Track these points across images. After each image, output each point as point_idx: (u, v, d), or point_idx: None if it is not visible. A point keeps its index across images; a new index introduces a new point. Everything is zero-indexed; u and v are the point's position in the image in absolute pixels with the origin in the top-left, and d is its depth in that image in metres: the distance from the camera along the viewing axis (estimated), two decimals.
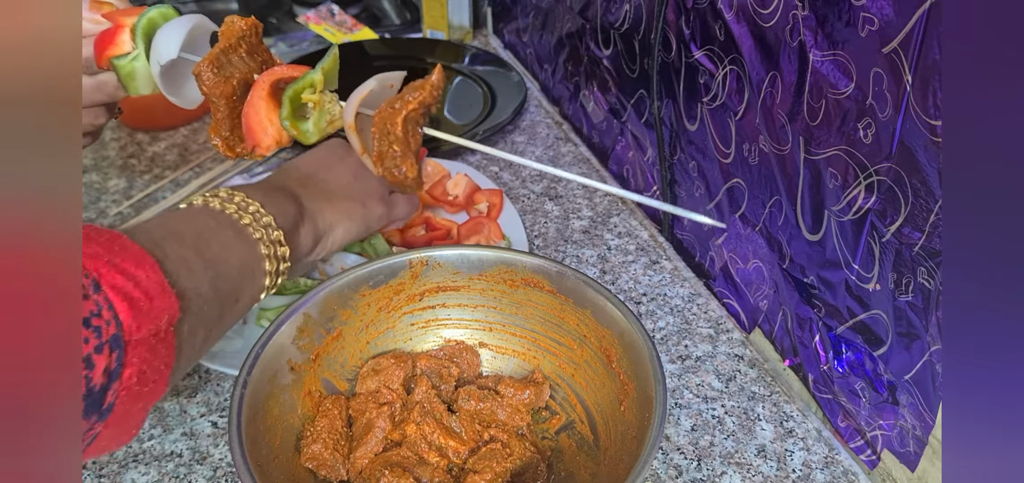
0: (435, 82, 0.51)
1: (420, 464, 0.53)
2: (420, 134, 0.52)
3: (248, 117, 0.54)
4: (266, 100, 0.53)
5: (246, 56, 0.55)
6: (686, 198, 0.80)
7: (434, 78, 0.51)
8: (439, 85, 0.52)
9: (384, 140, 0.50)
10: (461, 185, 0.85)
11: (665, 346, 0.71)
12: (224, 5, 1.39)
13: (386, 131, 0.50)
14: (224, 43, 0.54)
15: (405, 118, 0.50)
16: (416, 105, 0.50)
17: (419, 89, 0.51)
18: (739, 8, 0.63)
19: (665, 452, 0.61)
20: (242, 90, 0.55)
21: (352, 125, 0.52)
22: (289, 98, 0.53)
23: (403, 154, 0.50)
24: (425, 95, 0.50)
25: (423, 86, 0.51)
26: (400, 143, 0.50)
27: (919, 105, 0.48)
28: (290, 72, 0.54)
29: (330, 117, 0.54)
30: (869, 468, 0.61)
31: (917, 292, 0.52)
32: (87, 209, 0.88)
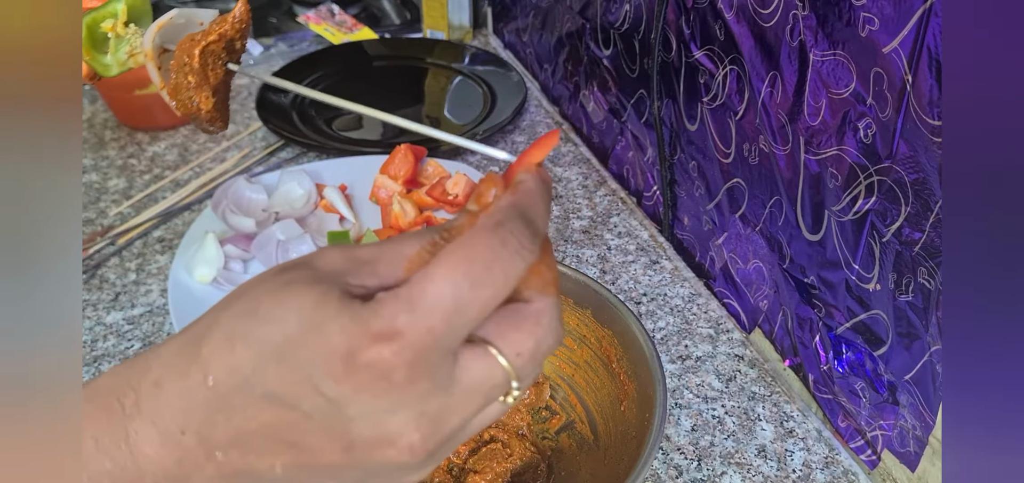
0: (238, 16, 0.50)
1: None
2: (221, 70, 0.50)
3: None
4: None
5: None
6: (686, 198, 0.80)
7: (236, 11, 0.50)
8: (243, 19, 0.50)
9: (181, 72, 0.49)
10: (461, 185, 0.85)
11: (665, 346, 0.71)
12: (224, 4, 1.39)
13: (183, 62, 0.49)
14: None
15: (204, 49, 0.48)
16: (216, 37, 0.49)
17: (221, 22, 0.50)
18: (739, 8, 0.63)
19: (665, 452, 0.61)
20: None
21: (150, 54, 0.50)
22: (86, 25, 0.51)
23: (197, 85, 0.49)
24: (227, 27, 0.49)
25: (225, 19, 0.50)
26: (195, 74, 0.48)
27: (919, 105, 0.48)
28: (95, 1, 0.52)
29: (131, 49, 0.52)
30: (869, 468, 0.61)
31: (917, 292, 0.52)
32: (87, 209, 0.88)
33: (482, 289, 0.26)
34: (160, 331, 0.72)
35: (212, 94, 0.49)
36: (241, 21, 0.50)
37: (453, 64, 1.18)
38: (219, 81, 0.50)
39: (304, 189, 0.84)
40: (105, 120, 1.05)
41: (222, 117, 0.51)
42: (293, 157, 0.98)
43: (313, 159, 0.97)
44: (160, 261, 0.80)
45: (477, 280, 0.26)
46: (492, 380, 0.27)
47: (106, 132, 1.02)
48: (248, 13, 0.51)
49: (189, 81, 0.48)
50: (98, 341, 0.71)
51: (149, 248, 0.82)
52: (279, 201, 0.84)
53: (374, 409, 0.26)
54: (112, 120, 1.04)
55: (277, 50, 1.23)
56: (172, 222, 0.86)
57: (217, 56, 0.49)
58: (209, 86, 0.49)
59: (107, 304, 0.75)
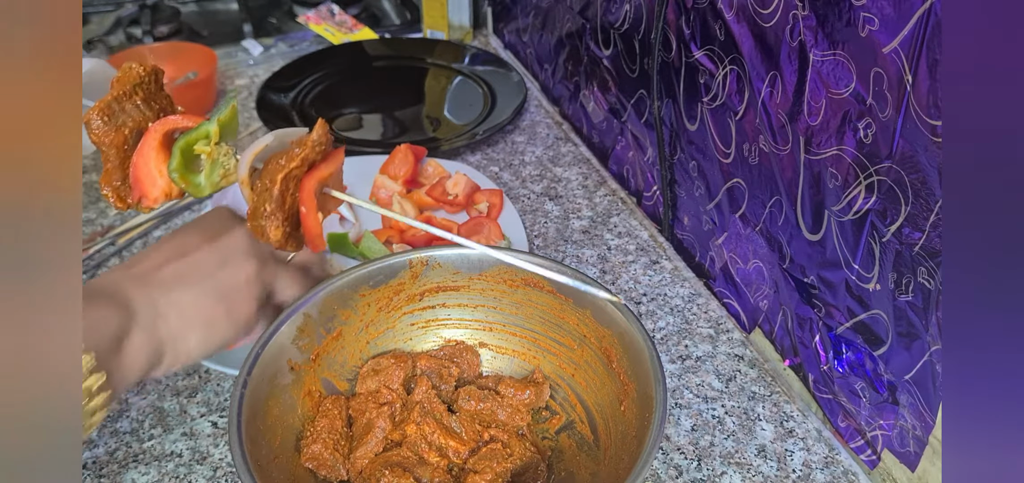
0: (315, 139, 0.50)
1: (420, 464, 0.53)
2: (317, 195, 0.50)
3: (136, 167, 0.51)
4: (157, 150, 0.51)
5: (142, 104, 0.53)
6: (686, 198, 0.80)
7: (314, 135, 0.50)
8: (321, 141, 0.50)
9: (261, 196, 0.49)
10: (461, 185, 0.85)
11: (665, 346, 0.71)
12: (224, 5, 1.39)
13: (265, 187, 0.49)
14: (117, 91, 0.52)
15: (286, 176, 0.49)
16: (298, 162, 0.49)
17: (302, 145, 0.50)
18: (739, 8, 0.63)
19: (665, 452, 0.61)
20: (135, 139, 0.52)
21: (246, 180, 0.51)
22: (180, 149, 0.51)
23: (272, 213, 0.49)
24: (308, 151, 0.50)
25: (305, 142, 0.50)
26: (273, 201, 0.49)
27: (919, 105, 0.48)
28: (186, 122, 0.52)
29: (224, 171, 0.53)
30: (869, 468, 0.61)
31: (917, 292, 0.52)
32: (87, 209, 0.88)
33: None
34: None
35: (284, 222, 0.50)
36: (320, 142, 0.50)
37: (453, 64, 1.18)
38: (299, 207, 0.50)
39: None
40: None
41: (295, 241, 0.51)
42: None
43: None
44: None
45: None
46: None
47: None
48: (326, 133, 0.51)
49: (265, 208, 0.49)
50: None
51: None
52: None
53: None
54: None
55: (277, 50, 1.23)
56: (172, 222, 0.86)
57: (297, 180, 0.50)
58: (283, 213, 0.50)
59: None
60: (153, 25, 1.27)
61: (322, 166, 0.51)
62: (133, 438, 0.61)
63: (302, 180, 0.50)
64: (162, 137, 0.52)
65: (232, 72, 1.17)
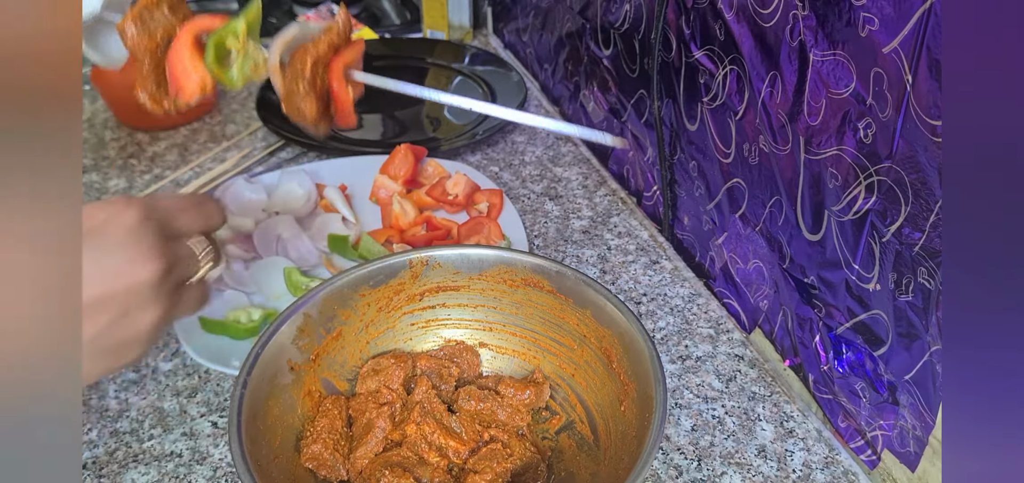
0: (339, 26, 0.55)
1: (420, 464, 0.53)
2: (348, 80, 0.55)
3: (172, 64, 0.55)
4: (190, 48, 0.55)
5: (169, 12, 0.56)
6: (686, 198, 0.80)
7: (338, 21, 0.55)
8: (346, 25, 0.55)
9: (294, 80, 0.54)
10: (461, 185, 0.85)
11: (665, 346, 0.71)
12: (224, 5, 1.39)
13: (296, 72, 0.54)
14: (145, 1, 0.55)
15: (315, 60, 0.53)
16: (325, 47, 0.54)
17: (328, 32, 0.54)
18: (739, 8, 0.63)
19: (665, 452, 0.61)
20: (166, 45, 0.56)
21: (276, 68, 0.55)
22: (214, 44, 0.55)
23: (305, 93, 0.54)
24: (334, 36, 0.54)
25: (331, 29, 0.54)
26: (306, 82, 0.53)
27: (919, 105, 0.48)
28: (213, 22, 0.56)
29: (254, 63, 0.56)
30: (869, 468, 0.61)
31: (917, 292, 0.52)
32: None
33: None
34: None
35: (317, 100, 0.55)
36: (344, 28, 0.55)
37: (453, 64, 1.18)
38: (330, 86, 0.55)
39: (304, 189, 0.84)
40: (105, 120, 1.05)
41: (327, 119, 0.56)
42: (293, 157, 0.98)
43: (313, 159, 0.97)
44: None
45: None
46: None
47: (106, 132, 1.02)
48: (349, 19, 0.56)
49: (299, 89, 0.54)
50: None
51: None
52: (279, 201, 0.84)
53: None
54: (112, 120, 1.04)
55: None
56: None
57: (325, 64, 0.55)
58: (315, 93, 0.55)
59: None
60: None
61: (346, 51, 0.56)
62: (133, 438, 0.61)
63: (330, 62, 0.55)
64: (194, 37, 0.56)
65: None
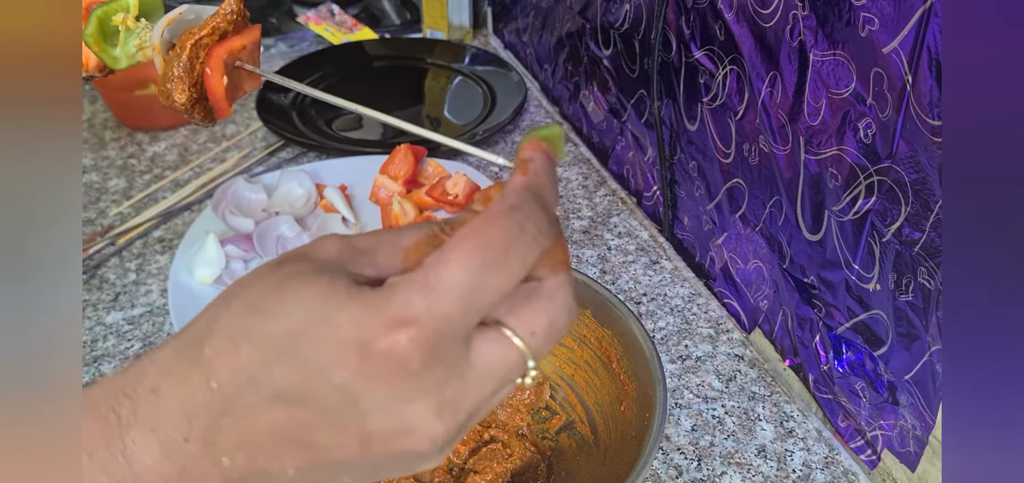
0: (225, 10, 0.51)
1: None
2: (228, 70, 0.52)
3: None
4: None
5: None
6: (686, 198, 0.80)
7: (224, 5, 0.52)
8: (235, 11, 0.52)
9: (170, 61, 0.50)
10: (461, 185, 0.85)
11: (665, 346, 0.71)
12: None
13: (176, 54, 0.50)
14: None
15: (195, 42, 0.50)
16: (209, 31, 0.50)
17: (214, 16, 0.51)
18: (739, 8, 0.63)
19: (665, 452, 0.61)
20: None
21: (157, 47, 0.52)
22: (98, 17, 0.52)
23: (178, 77, 0.50)
24: (219, 20, 0.51)
25: (216, 13, 0.51)
26: (181, 65, 0.50)
27: (919, 105, 0.48)
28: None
29: (140, 42, 0.54)
30: (869, 468, 0.61)
31: (917, 292, 0.52)
32: (87, 209, 0.88)
33: (498, 274, 0.25)
34: (160, 331, 0.72)
35: (191, 87, 0.51)
36: (233, 13, 0.51)
37: (453, 64, 1.18)
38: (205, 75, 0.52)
39: (304, 189, 0.84)
40: (105, 120, 1.05)
41: (201, 109, 0.52)
42: (293, 157, 0.98)
43: (313, 159, 0.97)
44: (160, 261, 0.80)
45: (494, 265, 0.25)
46: (508, 362, 0.26)
47: (106, 132, 1.02)
48: (240, 5, 0.52)
49: (173, 72, 0.50)
50: (98, 341, 0.71)
51: (149, 248, 0.82)
52: (279, 201, 0.84)
53: (391, 399, 0.24)
54: (112, 120, 1.04)
55: (277, 50, 1.23)
56: (172, 222, 0.86)
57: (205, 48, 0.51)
58: (190, 78, 0.51)
59: (107, 304, 0.75)
60: None
61: (234, 37, 0.52)
62: None
63: (211, 48, 0.51)
64: (85, 10, 0.52)
65: None
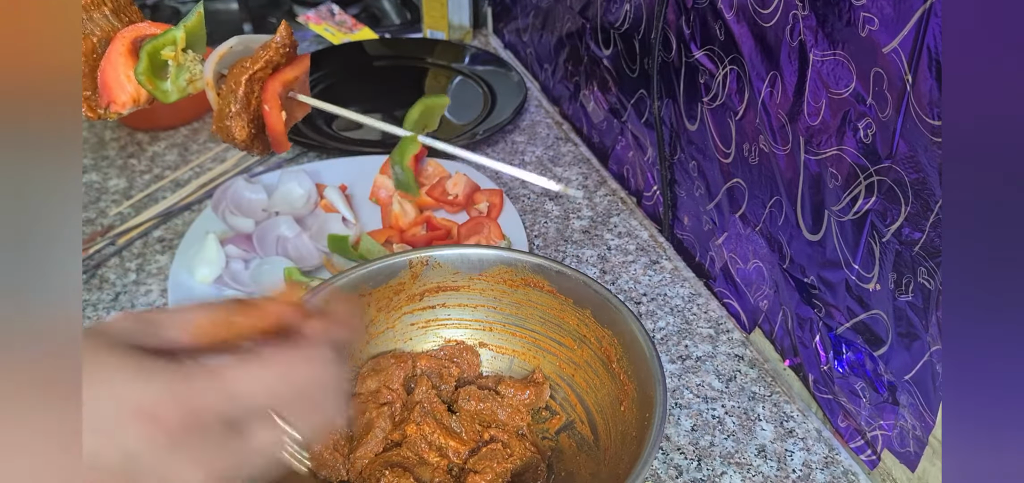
0: (279, 41, 0.51)
1: (420, 464, 0.53)
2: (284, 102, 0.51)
3: (104, 72, 0.52)
4: (124, 56, 0.52)
5: (111, 15, 0.54)
6: (686, 198, 0.80)
7: (278, 37, 0.51)
8: (285, 43, 0.51)
9: (226, 98, 0.50)
10: (461, 185, 0.85)
11: (665, 346, 0.71)
12: (224, 5, 1.39)
13: (230, 90, 0.50)
14: (86, 0, 0.53)
15: (250, 78, 0.50)
16: (262, 64, 0.50)
17: (266, 48, 0.51)
18: (739, 8, 0.63)
19: (665, 452, 0.61)
20: (103, 48, 0.53)
21: (210, 83, 0.52)
22: (147, 53, 0.52)
23: (236, 113, 0.50)
24: (272, 53, 0.50)
25: (269, 45, 0.51)
26: (238, 102, 0.50)
27: (919, 105, 0.48)
28: (152, 29, 0.53)
29: (190, 76, 0.53)
30: (869, 468, 0.61)
31: (917, 292, 0.52)
32: (87, 209, 0.88)
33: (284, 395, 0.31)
34: None
35: (249, 122, 0.50)
36: (284, 44, 0.51)
37: (453, 64, 1.18)
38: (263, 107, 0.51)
39: (304, 189, 0.84)
40: (105, 120, 1.05)
41: (260, 143, 0.52)
42: (293, 157, 0.98)
43: (313, 159, 0.97)
44: (160, 261, 0.80)
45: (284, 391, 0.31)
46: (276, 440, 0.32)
47: (106, 132, 1.02)
48: (290, 34, 0.52)
49: (230, 109, 0.50)
50: None
51: (149, 248, 0.82)
52: (279, 201, 0.84)
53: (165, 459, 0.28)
54: (112, 120, 1.04)
55: None
56: (172, 222, 0.86)
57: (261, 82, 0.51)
58: (248, 114, 0.50)
59: (107, 304, 0.75)
60: None
61: (287, 69, 0.52)
62: None
63: (266, 82, 0.51)
64: (130, 44, 0.52)
65: None
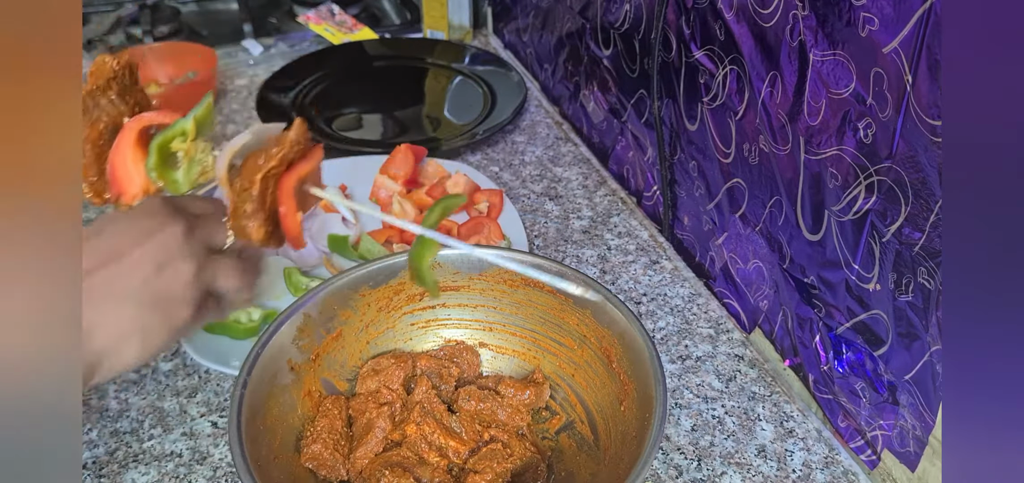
0: (294, 138, 0.50)
1: (420, 464, 0.53)
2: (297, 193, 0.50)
3: (114, 166, 0.51)
4: (133, 147, 0.51)
5: (117, 98, 0.52)
6: (686, 198, 0.80)
7: (293, 134, 0.50)
8: (299, 140, 0.50)
9: (242, 195, 0.49)
10: (461, 185, 0.85)
11: (665, 346, 0.71)
12: (224, 5, 1.39)
13: (244, 188, 0.49)
14: (91, 84, 0.52)
15: (265, 175, 0.49)
16: (276, 161, 0.49)
17: (280, 144, 0.49)
18: (739, 8, 0.63)
19: (665, 452, 0.61)
20: (110, 134, 0.52)
21: (225, 177, 0.50)
22: (157, 147, 0.51)
23: (253, 212, 0.49)
24: (285, 150, 0.49)
25: (283, 141, 0.49)
26: (253, 201, 0.49)
27: (919, 105, 0.48)
28: (161, 118, 0.52)
29: (202, 167, 0.52)
30: (869, 468, 0.61)
31: (917, 292, 0.52)
32: (87, 209, 0.88)
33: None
34: None
35: (266, 221, 0.50)
36: (298, 141, 0.50)
37: (453, 64, 1.18)
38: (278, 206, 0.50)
39: None
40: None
41: (276, 239, 0.51)
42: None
43: None
44: None
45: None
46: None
47: None
48: (305, 131, 0.51)
49: (246, 208, 0.49)
50: None
51: None
52: None
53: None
54: None
55: (277, 50, 1.23)
56: None
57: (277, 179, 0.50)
58: (264, 213, 0.49)
59: None
60: (153, 25, 1.27)
61: (301, 164, 0.51)
62: (133, 438, 0.61)
63: (281, 178, 0.50)
64: (138, 134, 0.51)
65: (232, 72, 1.17)
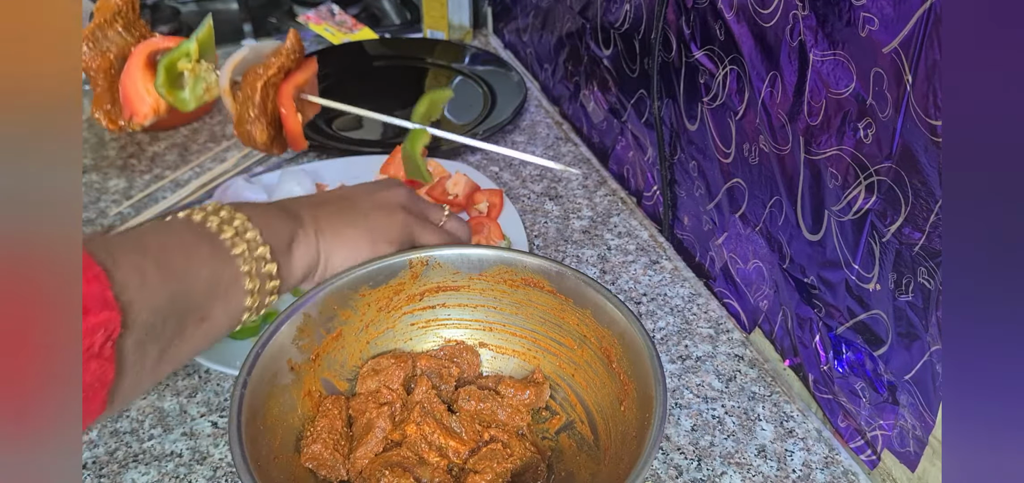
0: (289, 47, 0.55)
1: (420, 464, 0.53)
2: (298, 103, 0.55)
3: (125, 87, 0.56)
4: (142, 70, 0.56)
5: (123, 31, 0.57)
6: (686, 198, 0.80)
7: (288, 44, 0.55)
8: (294, 49, 0.55)
9: (244, 104, 0.54)
10: (461, 185, 0.85)
11: (665, 346, 0.71)
12: (224, 5, 1.40)
13: (247, 96, 0.54)
14: (99, 18, 0.56)
15: (265, 83, 0.54)
16: (275, 70, 0.54)
17: (277, 54, 0.54)
18: (739, 8, 0.63)
19: (665, 452, 0.61)
20: (120, 64, 0.57)
21: (227, 90, 0.56)
22: (164, 67, 0.55)
23: (256, 117, 0.54)
24: (282, 59, 0.54)
25: (280, 51, 0.55)
26: (255, 107, 0.54)
27: (919, 105, 0.48)
28: (166, 43, 0.57)
29: (206, 84, 0.57)
30: (869, 468, 0.61)
31: (917, 292, 0.52)
32: (87, 209, 0.88)
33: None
34: None
35: (268, 125, 0.56)
36: (294, 50, 0.57)
37: (453, 64, 1.18)
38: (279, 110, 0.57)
39: (304, 189, 0.84)
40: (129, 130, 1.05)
41: (279, 144, 0.58)
42: (293, 157, 0.98)
43: (313, 159, 0.97)
44: None
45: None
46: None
47: (106, 132, 1.02)
48: (300, 41, 0.56)
49: (249, 114, 0.55)
50: None
51: None
52: None
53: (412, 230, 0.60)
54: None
55: None
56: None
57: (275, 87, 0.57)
58: (266, 117, 0.55)
59: None
60: (153, 25, 1.27)
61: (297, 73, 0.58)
62: (133, 438, 0.61)
63: (280, 86, 0.56)
64: (146, 58, 0.56)
65: None
